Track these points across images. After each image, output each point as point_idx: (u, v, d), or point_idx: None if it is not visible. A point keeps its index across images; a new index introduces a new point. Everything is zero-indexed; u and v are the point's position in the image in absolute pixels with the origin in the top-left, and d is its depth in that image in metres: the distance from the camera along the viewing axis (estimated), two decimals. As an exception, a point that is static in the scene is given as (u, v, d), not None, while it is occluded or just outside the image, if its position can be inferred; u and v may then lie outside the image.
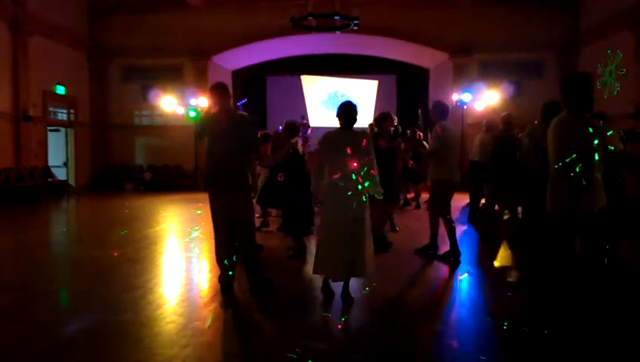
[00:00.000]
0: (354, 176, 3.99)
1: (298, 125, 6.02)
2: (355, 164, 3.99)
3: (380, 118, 6.43)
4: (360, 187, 4.01)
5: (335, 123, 4.26)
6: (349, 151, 4.00)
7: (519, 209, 6.73)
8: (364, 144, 4.06)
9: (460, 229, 7.84)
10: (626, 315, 3.90)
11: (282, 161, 5.27)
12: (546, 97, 11.91)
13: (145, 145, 16.46)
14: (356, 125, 4.22)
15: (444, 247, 5.82)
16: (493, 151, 6.73)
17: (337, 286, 4.26)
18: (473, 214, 8.37)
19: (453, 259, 5.61)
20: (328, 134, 4.25)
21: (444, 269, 5.45)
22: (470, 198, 8.60)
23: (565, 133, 3.51)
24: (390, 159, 6.13)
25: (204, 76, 15.76)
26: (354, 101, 4.40)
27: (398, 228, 7.52)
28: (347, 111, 4.17)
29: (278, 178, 6.20)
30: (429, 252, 5.91)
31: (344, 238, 4.00)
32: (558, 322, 3.65)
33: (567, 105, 3.58)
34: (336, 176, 4.03)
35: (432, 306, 4.21)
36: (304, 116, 16.63)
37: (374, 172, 4.10)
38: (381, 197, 4.25)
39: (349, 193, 3.99)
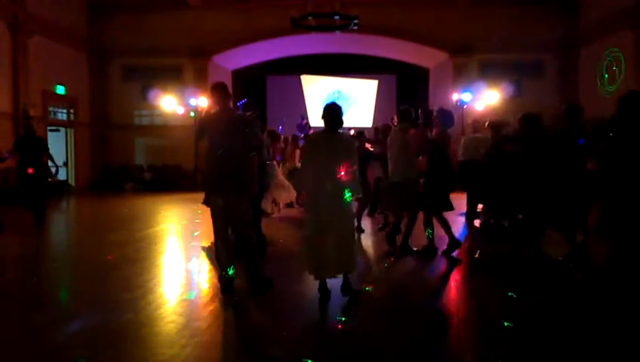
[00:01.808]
0: (338, 178, 4.04)
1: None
2: (339, 166, 4.04)
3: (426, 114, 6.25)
4: (346, 189, 4.07)
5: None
6: (333, 153, 4.06)
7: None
8: (348, 147, 4.18)
9: (461, 226, 7.88)
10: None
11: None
12: (546, 97, 11.98)
13: (145, 145, 16.48)
14: (356, 125, 4.25)
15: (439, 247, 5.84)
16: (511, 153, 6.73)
17: (333, 286, 4.27)
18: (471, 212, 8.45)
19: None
20: (313, 136, 4.34)
21: (445, 269, 5.44)
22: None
23: None
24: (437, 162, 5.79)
25: (204, 76, 15.77)
26: (349, 101, 4.45)
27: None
28: (332, 113, 4.17)
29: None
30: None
31: (332, 238, 4.05)
32: (560, 320, 3.66)
33: None
34: (320, 178, 4.07)
35: (432, 306, 4.21)
36: (304, 116, 16.67)
37: (356, 174, 4.20)
38: (361, 195, 4.32)
39: (333, 194, 4.04)
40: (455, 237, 5.86)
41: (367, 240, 7.08)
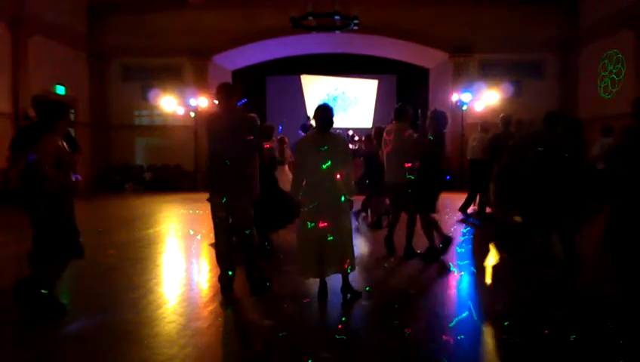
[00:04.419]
0: (331, 178, 4.09)
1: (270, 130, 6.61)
2: (332, 167, 4.07)
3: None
4: (339, 188, 4.11)
5: (338, 122, 4.29)
6: (326, 153, 4.07)
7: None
8: (340, 147, 4.18)
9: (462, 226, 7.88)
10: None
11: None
12: (546, 97, 11.96)
13: (145, 145, 16.46)
14: (356, 125, 4.27)
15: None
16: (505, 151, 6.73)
17: (333, 286, 4.27)
18: (466, 205, 8.56)
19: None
20: (305, 138, 4.36)
21: (445, 270, 5.44)
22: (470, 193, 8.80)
23: None
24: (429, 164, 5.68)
25: (204, 76, 15.77)
26: (349, 101, 4.48)
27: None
28: (323, 114, 4.21)
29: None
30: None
31: (328, 239, 4.06)
32: (561, 322, 3.65)
33: None
34: (314, 178, 4.11)
35: (432, 306, 4.21)
36: (309, 117, 16.71)
37: (350, 175, 4.21)
38: (352, 199, 4.31)
39: (328, 194, 4.08)
40: (435, 245, 5.76)
41: (366, 240, 7.08)
